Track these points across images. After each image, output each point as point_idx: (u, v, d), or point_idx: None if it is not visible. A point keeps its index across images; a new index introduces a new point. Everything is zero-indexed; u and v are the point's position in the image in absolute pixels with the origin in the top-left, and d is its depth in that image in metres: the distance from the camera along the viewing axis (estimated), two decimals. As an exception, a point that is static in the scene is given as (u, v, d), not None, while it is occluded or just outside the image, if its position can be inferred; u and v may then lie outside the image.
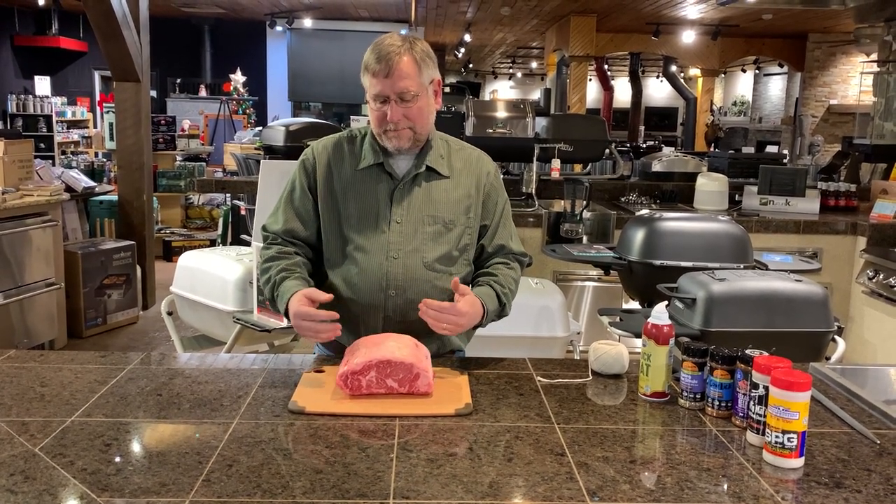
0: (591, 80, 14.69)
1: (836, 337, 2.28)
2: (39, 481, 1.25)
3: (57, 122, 11.56)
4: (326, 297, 1.75)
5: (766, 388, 1.39)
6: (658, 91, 20.17)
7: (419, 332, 1.79)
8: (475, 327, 1.88)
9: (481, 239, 1.97)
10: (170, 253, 7.64)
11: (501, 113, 4.81)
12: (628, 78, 15.62)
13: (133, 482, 1.25)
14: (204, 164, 9.02)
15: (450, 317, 1.74)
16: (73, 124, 12.34)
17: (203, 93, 12.49)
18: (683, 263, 2.88)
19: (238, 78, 11.94)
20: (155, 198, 7.33)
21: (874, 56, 7.40)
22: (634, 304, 3.43)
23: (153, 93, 9.75)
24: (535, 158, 4.65)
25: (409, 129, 1.83)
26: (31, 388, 1.66)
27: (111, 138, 7.56)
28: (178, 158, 8.84)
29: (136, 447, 1.41)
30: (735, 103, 17.34)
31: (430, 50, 1.86)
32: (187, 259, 3.46)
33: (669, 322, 1.66)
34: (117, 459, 1.34)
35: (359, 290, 1.86)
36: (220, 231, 7.29)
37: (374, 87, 1.80)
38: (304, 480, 1.27)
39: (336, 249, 1.90)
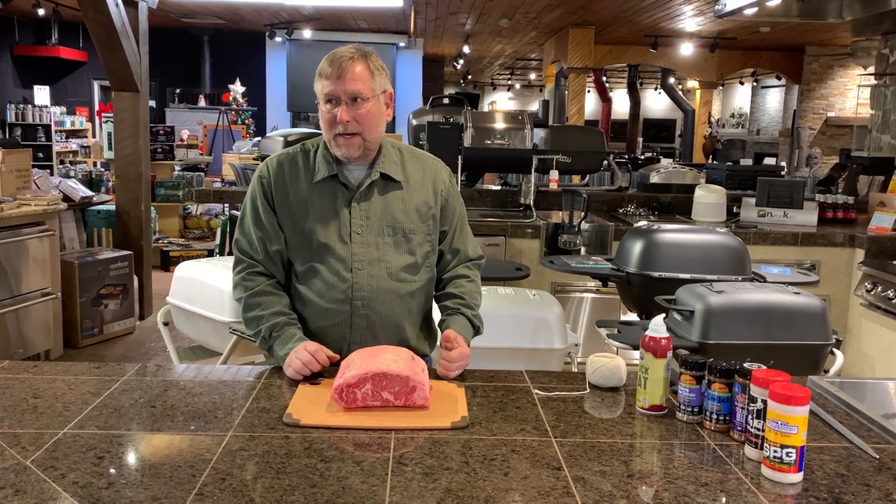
0: (589, 91, 14.74)
1: (835, 350, 2.27)
2: (30, 495, 1.23)
3: (56, 131, 11.56)
4: (331, 358, 1.82)
5: (765, 402, 1.38)
6: (656, 103, 20.22)
7: (384, 344, 1.86)
8: None
9: (440, 244, 2.02)
10: (167, 263, 7.63)
11: (500, 124, 4.82)
12: (626, 90, 15.64)
13: (125, 496, 1.24)
14: (202, 174, 9.02)
15: (457, 363, 1.83)
16: (72, 134, 12.34)
17: (202, 103, 12.50)
18: (681, 275, 2.87)
19: (237, 88, 11.95)
20: (153, 207, 7.33)
21: (871, 69, 7.42)
22: (632, 316, 3.42)
23: (152, 103, 9.75)
24: (533, 170, 4.65)
25: (359, 134, 1.85)
26: (24, 399, 1.64)
27: (109, 148, 7.56)
28: (177, 168, 8.84)
29: (128, 460, 1.40)
30: (733, 115, 17.39)
31: (383, 63, 1.92)
32: (184, 269, 3.44)
33: (667, 335, 1.65)
34: (109, 472, 1.32)
35: (325, 301, 1.89)
36: (217, 241, 7.27)
37: (325, 88, 1.83)
38: (298, 495, 1.25)
39: (300, 263, 1.93)
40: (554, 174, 4.76)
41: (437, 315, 2.07)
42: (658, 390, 1.64)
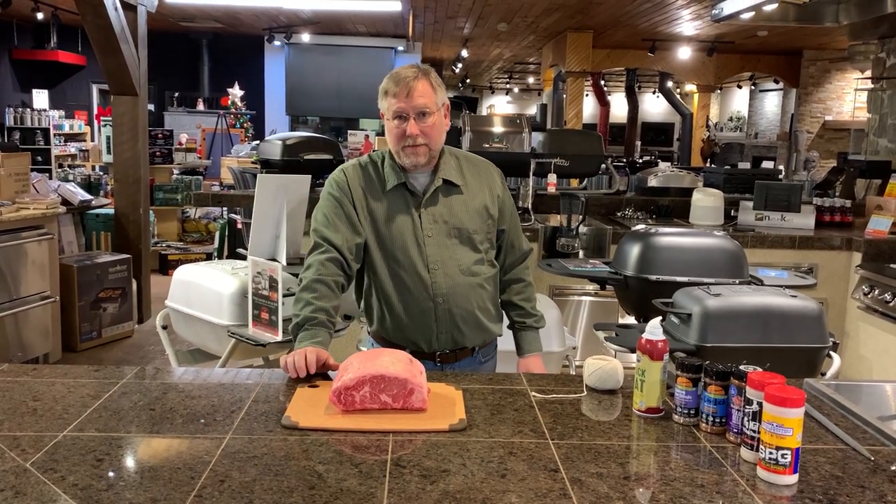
0: (587, 95, 14.75)
1: (832, 353, 2.28)
2: (30, 497, 1.24)
3: (54, 135, 11.57)
4: (331, 367, 1.88)
5: (760, 405, 1.39)
6: (654, 106, 20.26)
7: (465, 334, 2.08)
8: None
9: (498, 240, 2.20)
10: (166, 266, 7.63)
11: (498, 128, 4.83)
12: (625, 93, 15.68)
13: (124, 498, 1.24)
14: (201, 177, 9.02)
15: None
16: (71, 137, 12.34)
17: (201, 107, 12.52)
18: (679, 278, 2.88)
19: (236, 92, 11.97)
20: (151, 211, 7.33)
21: (868, 73, 7.45)
22: (630, 320, 3.43)
23: (151, 106, 9.76)
24: (531, 173, 4.66)
25: (425, 145, 2.01)
26: (24, 402, 1.65)
27: (108, 152, 7.56)
28: (175, 172, 8.84)
29: (127, 462, 1.40)
30: (731, 119, 17.41)
31: (440, 80, 2.08)
32: (182, 273, 3.44)
33: (663, 337, 1.66)
34: (109, 475, 1.33)
35: (410, 299, 2.05)
36: (216, 245, 7.28)
37: (393, 105, 1.99)
38: (296, 497, 1.26)
39: (380, 266, 2.08)
40: (552, 177, 4.77)
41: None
42: (655, 393, 1.65)
